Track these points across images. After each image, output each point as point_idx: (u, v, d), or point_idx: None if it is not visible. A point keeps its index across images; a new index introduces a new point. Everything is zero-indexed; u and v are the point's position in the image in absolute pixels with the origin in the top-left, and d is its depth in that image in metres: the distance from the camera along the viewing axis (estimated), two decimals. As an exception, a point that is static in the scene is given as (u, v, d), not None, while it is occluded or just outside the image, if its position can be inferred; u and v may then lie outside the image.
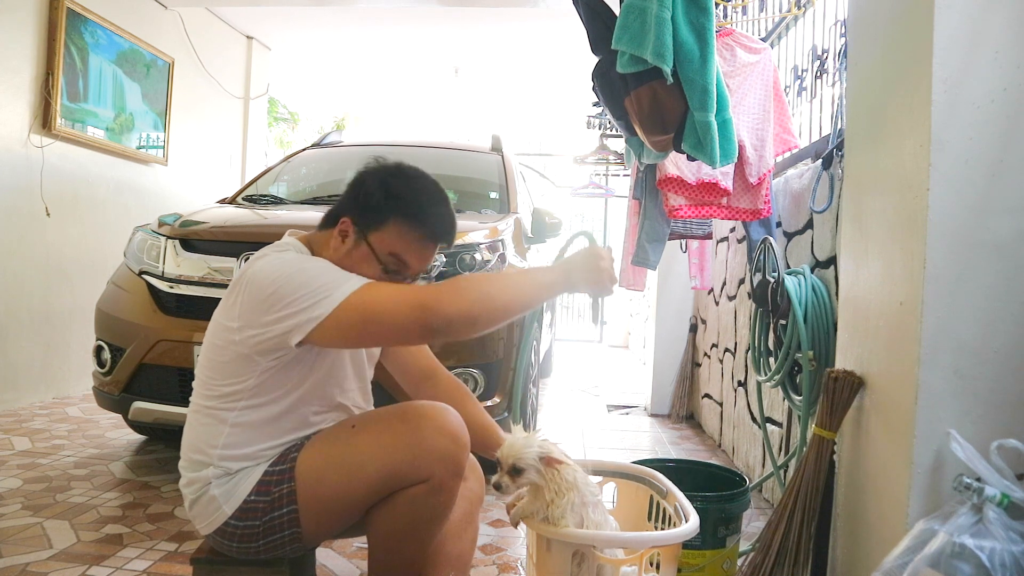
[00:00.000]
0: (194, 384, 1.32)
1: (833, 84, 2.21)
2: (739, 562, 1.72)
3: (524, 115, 7.78)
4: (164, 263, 2.45)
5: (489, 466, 1.35)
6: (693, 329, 3.97)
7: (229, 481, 1.26)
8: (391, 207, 1.28)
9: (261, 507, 1.25)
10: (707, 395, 3.57)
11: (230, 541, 1.27)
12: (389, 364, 1.54)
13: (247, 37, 5.51)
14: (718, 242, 3.41)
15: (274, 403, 1.28)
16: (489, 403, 2.38)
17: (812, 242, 2.13)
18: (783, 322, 2.02)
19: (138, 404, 2.36)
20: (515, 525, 1.32)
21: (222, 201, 3.26)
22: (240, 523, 1.25)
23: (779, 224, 2.48)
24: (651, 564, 1.30)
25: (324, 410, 1.35)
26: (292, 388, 1.28)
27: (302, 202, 3.13)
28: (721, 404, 3.26)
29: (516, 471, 1.25)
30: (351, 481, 1.24)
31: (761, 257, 2.25)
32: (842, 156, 1.80)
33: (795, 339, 1.91)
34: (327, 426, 1.35)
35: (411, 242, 1.30)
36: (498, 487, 1.27)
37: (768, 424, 2.44)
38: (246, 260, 2.28)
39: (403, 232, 1.28)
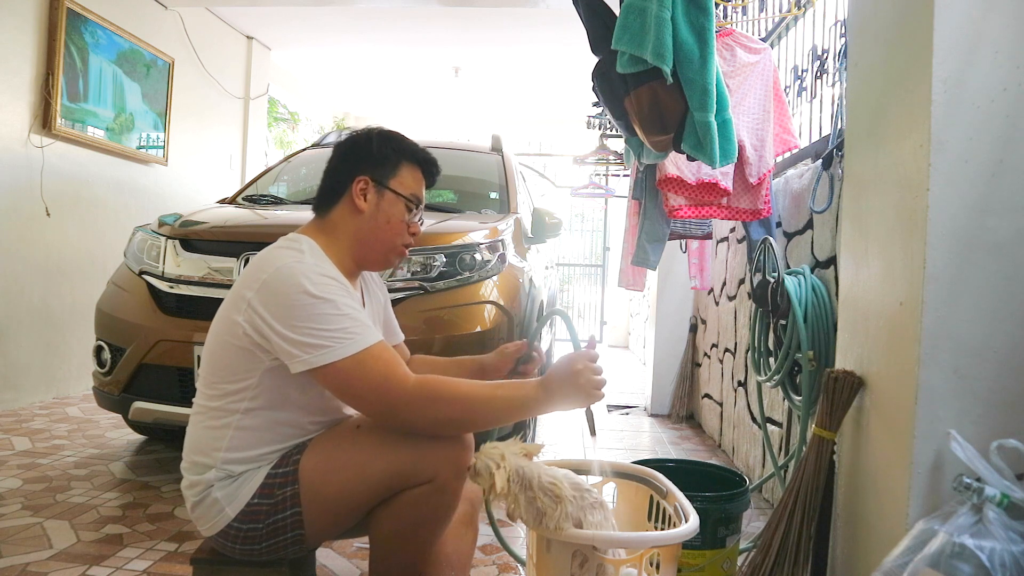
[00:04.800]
0: (197, 385, 1.32)
1: (833, 84, 2.21)
2: (739, 561, 1.72)
3: (524, 115, 7.78)
4: (164, 263, 2.45)
5: None
6: (693, 329, 3.97)
7: (232, 484, 1.26)
8: (399, 155, 1.41)
9: (264, 510, 1.25)
10: (707, 395, 3.57)
11: (233, 543, 1.27)
12: None
13: (247, 37, 5.51)
14: (718, 242, 3.41)
15: (277, 409, 1.27)
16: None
17: (812, 242, 2.13)
18: (783, 322, 2.02)
19: (138, 404, 2.35)
20: (512, 520, 1.31)
21: (222, 201, 3.26)
22: (243, 525, 1.25)
23: (779, 224, 2.48)
24: (651, 564, 1.30)
25: (328, 420, 1.35)
26: (295, 394, 1.27)
27: (302, 202, 3.13)
28: (721, 404, 3.26)
29: (475, 471, 1.26)
30: (355, 482, 1.24)
31: (761, 257, 2.25)
32: (842, 156, 1.80)
33: (795, 339, 1.91)
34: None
35: (418, 181, 1.44)
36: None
37: (768, 424, 2.44)
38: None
39: (412, 174, 1.43)
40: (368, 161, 1.38)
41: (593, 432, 1.36)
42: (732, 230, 3.14)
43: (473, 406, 1.21)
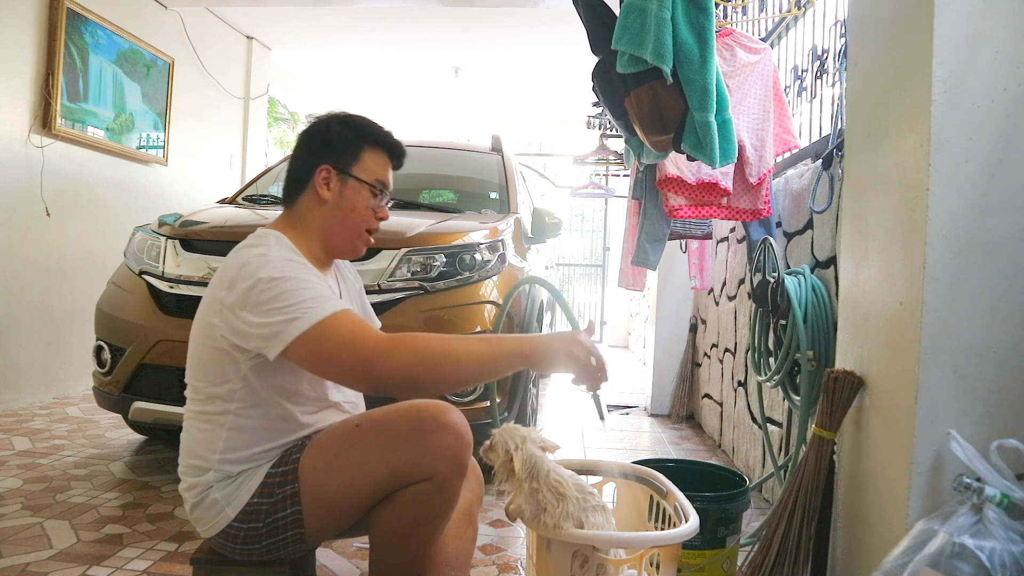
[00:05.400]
0: (186, 392, 1.32)
1: (833, 84, 2.21)
2: (739, 561, 1.72)
3: (524, 115, 7.78)
4: (164, 263, 2.45)
5: (488, 466, 1.35)
6: (693, 329, 3.97)
7: (231, 484, 1.26)
8: (360, 140, 1.39)
9: (265, 509, 1.25)
10: (707, 395, 3.57)
11: (232, 543, 1.27)
12: None
13: (247, 37, 5.51)
14: (718, 242, 3.41)
15: (267, 406, 1.27)
16: (489, 403, 2.38)
17: (812, 242, 2.13)
18: (783, 322, 2.02)
19: (138, 404, 2.35)
20: (512, 520, 1.31)
21: (222, 201, 3.26)
22: (243, 525, 1.25)
23: (779, 224, 2.48)
24: (651, 564, 1.30)
25: (317, 409, 1.35)
26: (282, 389, 1.28)
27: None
28: (721, 404, 3.26)
29: (491, 446, 1.28)
30: (355, 480, 1.24)
31: (761, 257, 2.25)
32: (842, 156, 1.80)
33: (795, 339, 1.91)
34: (324, 424, 1.34)
35: (383, 165, 1.42)
36: (481, 446, 1.31)
37: (768, 424, 2.44)
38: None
39: (376, 158, 1.41)
40: (329, 149, 1.37)
41: (602, 416, 1.37)
42: (732, 230, 3.14)
43: (451, 349, 1.17)
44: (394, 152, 1.44)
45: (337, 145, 1.37)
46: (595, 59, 1.98)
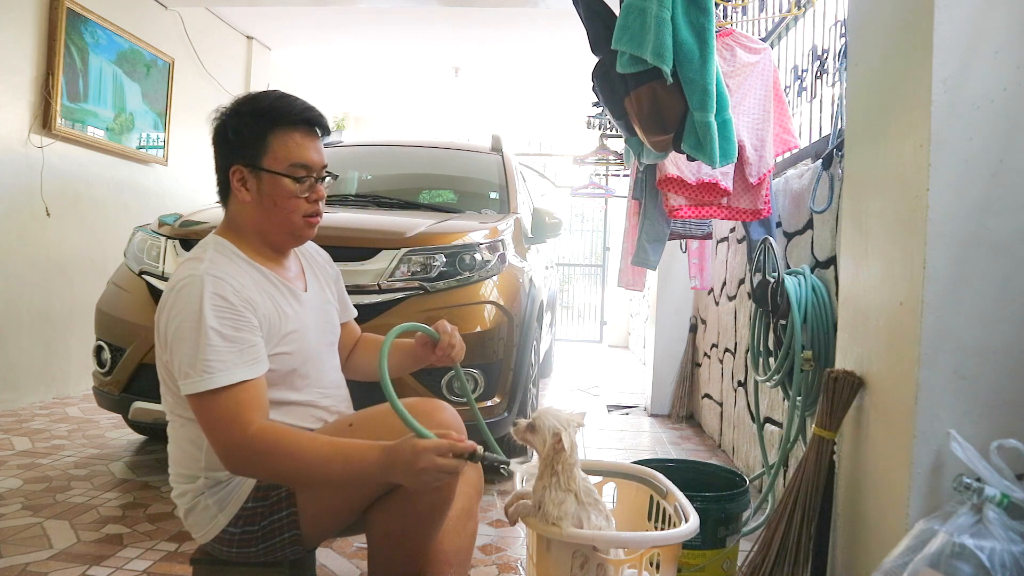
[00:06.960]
0: (162, 404, 1.31)
1: (833, 84, 2.21)
2: (739, 561, 1.72)
3: (524, 115, 7.78)
4: (164, 263, 2.45)
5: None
6: (693, 329, 3.97)
7: (223, 489, 1.25)
8: (261, 126, 1.27)
9: (260, 512, 1.24)
10: (707, 395, 3.57)
11: (228, 547, 1.27)
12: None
13: (247, 37, 5.52)
14: (718, 242, 3.41)
15: None
16: (489, 403, 2.38)
17: (812, 242, 2.13)
18: (783, 322, 2.02)
19: (138, 404, 2.35)
20: (512, 523, 1.31)
21: (222, 201, 3.25)
22: (238, 529, 1.25)
23: (779, 224, 2.47)
24: (651, 564, 1.30)
25: (293, 406, 1.32)
26: None
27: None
28: (721, 404, 3.26)
29: (532, 428, 1.25)
30: None
31: (761, 257, 2.25)
32: (842, 156, 1.80)
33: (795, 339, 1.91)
34: (307, 425, 1.33)
35: (298, 144, 1.29)
36: (513, 424, 1.29)
37: (768, 424, 2.44)
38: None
39: (286, 140, 1.28)
40: (232, 148, 1.28)
41: (505, 463, 1.20)
42: (732, 230, 3.14)
43: (309, 467, 1.14)
44: (309, 123, 1.31)
45: (238, 141, 1.27)
46: (595, 59, 1.98)
